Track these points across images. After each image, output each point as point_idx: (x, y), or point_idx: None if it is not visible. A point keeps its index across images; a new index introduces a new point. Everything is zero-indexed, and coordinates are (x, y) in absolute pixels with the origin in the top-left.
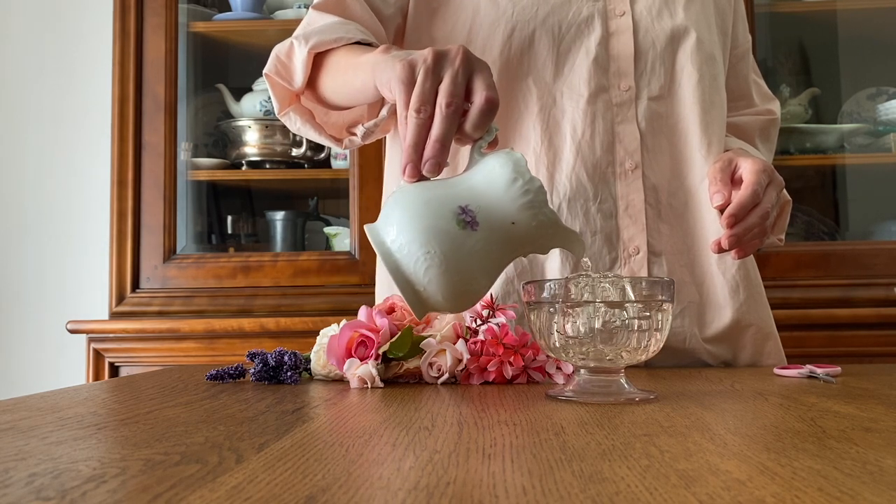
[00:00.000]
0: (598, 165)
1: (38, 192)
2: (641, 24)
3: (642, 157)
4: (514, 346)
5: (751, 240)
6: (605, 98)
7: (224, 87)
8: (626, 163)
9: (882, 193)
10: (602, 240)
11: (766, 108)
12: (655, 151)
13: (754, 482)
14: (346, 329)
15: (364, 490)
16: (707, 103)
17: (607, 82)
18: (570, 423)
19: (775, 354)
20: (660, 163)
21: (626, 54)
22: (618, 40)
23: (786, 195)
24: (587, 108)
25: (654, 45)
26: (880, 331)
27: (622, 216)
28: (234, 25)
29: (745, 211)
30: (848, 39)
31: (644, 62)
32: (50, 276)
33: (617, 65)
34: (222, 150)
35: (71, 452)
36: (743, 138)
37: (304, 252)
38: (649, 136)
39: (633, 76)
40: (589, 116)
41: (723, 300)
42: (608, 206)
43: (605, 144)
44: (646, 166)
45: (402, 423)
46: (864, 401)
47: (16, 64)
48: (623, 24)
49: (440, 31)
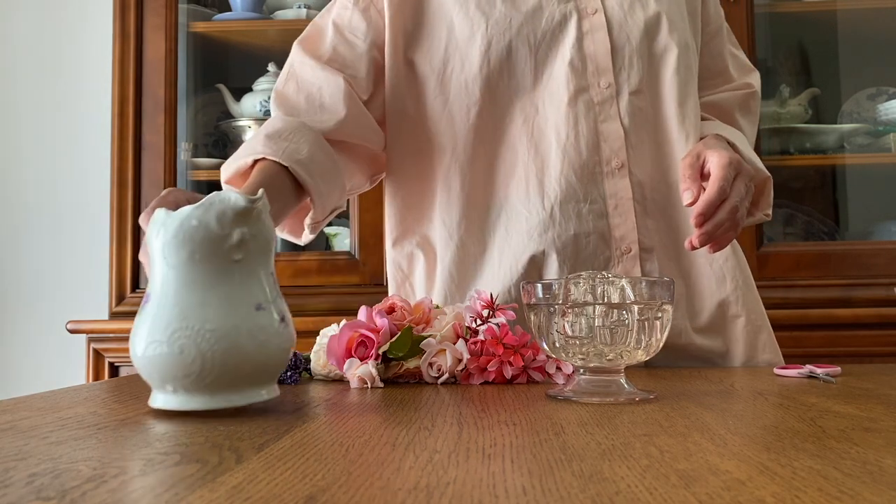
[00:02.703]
0: (586, 166)
1: (38, 192)
2: (615, 19)
3: (627, 154)
4: (514, 346)
5: (723, 234)
6: (586, 98)
7: (224, 87)
8: (612, 161)
9: (882, 193)
10: (596, 240)
11: (745, 81)
12: (639, 147)
13: (754, 482)
14: (346, 329)
15: (364, 490)
16: (683, 94)
17: (586, 82)
18: (570, 423)
19: (770, 347)
20: (644, 158)
21: (602, 52)
22: (592, 39)
23: (764, 172)
24: (568, 111)
25: (630, 40)
26: (880, 331)
27: (612, 215)
28: (234, 25)
29: (713, 208)
30: (848, 39)
31: (622, 57)
32: (50, 276)
33: (595, 64)
34: (222, 150)
35: (71, 452)
36: (722, 116)
37: (304, 252)
38: (632, 132)
39: (612, 72)
40: (571, 119)
41: (709, 291)
42: (599, 207)
43: (591, 145)
44: (631, 163)
45: (402, 423)
46: (864, 401)
47: (16, 64)
48: (596, 21)
49: (417, 54)
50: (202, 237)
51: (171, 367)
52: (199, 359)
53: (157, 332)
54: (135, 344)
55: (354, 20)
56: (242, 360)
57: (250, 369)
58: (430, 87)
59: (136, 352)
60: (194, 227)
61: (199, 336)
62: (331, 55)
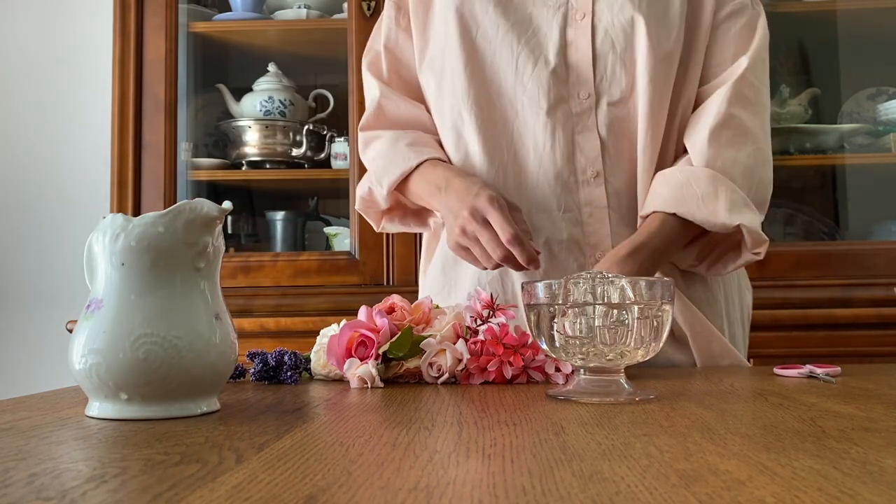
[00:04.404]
0: (560, 175)
1: (39, 192)
2: (601, 25)
3: (604, 164)
4: (514, 346)
5: None
6: (565, 108)
7: (224, 87)
8: (587, 171)
9: (882, 193)
10: (569, 247)
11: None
12: (617, 156)
13: (754, 482)
14: (346, 329)
15: (364, 490)
16: (656, 106)
17: (567, 92)
18: (570, 423)
19: (727, 356)
20: (621, 167)
21: (584, 62)
22: (576, 48)
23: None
24: (547, 121)
25: (614, 47)
26: (880, 331)
27: (587, 223)
28: (234, 25)
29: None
30: (848, 39)
31: (603, 66)
32: (50, 276)
33: (576, 73)
34: (222, 150)
35: (71, 452)
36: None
37: (305, 252)
38: (611, 142)
39: (593, 83)
40: (549, 129)
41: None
42: (573, 215)
43: (566, 155)
44: (608, 172)
45: (402, 423)
46: (864, 401)
47: (16, 64)
48: (582, 27)
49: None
50: (168, 244)
51: (131, 375)
52: (165, 366)
53: (119, 338)
54: (84, 351)
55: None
56: (205, 370)
57: (210, 378)
58: (432, 90)
59: (85, 360)
60: (160, 233)
61: (165, 343)
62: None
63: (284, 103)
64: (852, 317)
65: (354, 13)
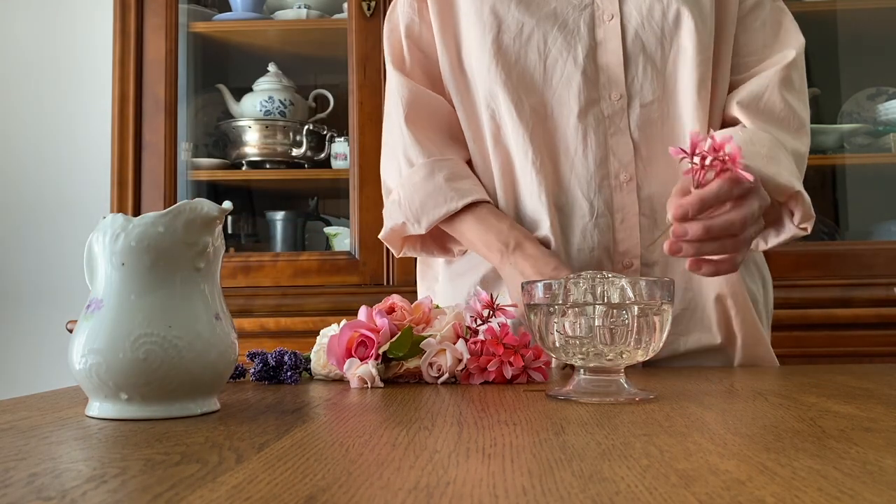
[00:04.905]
0: (593, 180)
1: (39, 192)
2: (631, 25)
3: (636, 168)
4: (514, 346)
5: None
6: (596, 111)
7: (224, 87)
8: (620, 175)
9: (882, 193)
10: (600, 254)
11: (781, 54)
12: (650, 160)
13: (754, 482)
14: (346, 329)
15: (364, 490)
16: (704, 99)
17: (598, 94)
18: (570, 423)
19: (768, 359)
20: (655, 171)
21: (615, 62)
22: (605, 49)
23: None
24: (578, 124)
25: (645, 47)
26: (880, 331)
27: (618, 229)
28: (234, 25)
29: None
30: (848, 39)
31: (635, 67)
32: (50, 276)
33: (606, 75)
34: (222, 150)
35: (71, 452)
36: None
37: (305, 252)
38: (643, 146)
39: (624, 84)
40: (580, 132)
41: (709, 312)
42: (605, 221)
43: (598, 159)
44: (640, 177)
45: (402, 423)
46: (864, 401)
47: (16, 64)
48: (611, 29)
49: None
50: (169, 244)
51: (131, 375)
52: (165, 366)
53: (120, 338)
54: (84, 351)
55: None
56: (205, 369)
57: (210, 378)
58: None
59: (85, 360)
60: (160, 233)
61: (165, 343)
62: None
63: (284, 103)
64: (852, 317)
65: (354, 13)
